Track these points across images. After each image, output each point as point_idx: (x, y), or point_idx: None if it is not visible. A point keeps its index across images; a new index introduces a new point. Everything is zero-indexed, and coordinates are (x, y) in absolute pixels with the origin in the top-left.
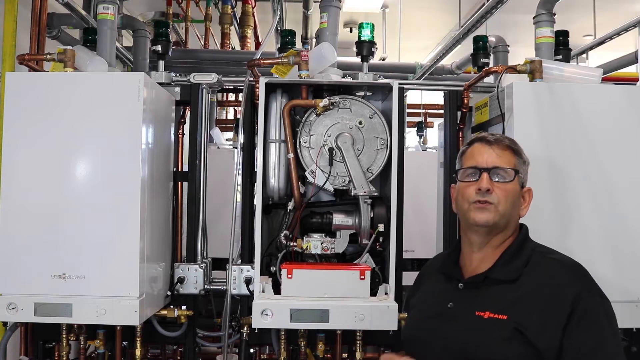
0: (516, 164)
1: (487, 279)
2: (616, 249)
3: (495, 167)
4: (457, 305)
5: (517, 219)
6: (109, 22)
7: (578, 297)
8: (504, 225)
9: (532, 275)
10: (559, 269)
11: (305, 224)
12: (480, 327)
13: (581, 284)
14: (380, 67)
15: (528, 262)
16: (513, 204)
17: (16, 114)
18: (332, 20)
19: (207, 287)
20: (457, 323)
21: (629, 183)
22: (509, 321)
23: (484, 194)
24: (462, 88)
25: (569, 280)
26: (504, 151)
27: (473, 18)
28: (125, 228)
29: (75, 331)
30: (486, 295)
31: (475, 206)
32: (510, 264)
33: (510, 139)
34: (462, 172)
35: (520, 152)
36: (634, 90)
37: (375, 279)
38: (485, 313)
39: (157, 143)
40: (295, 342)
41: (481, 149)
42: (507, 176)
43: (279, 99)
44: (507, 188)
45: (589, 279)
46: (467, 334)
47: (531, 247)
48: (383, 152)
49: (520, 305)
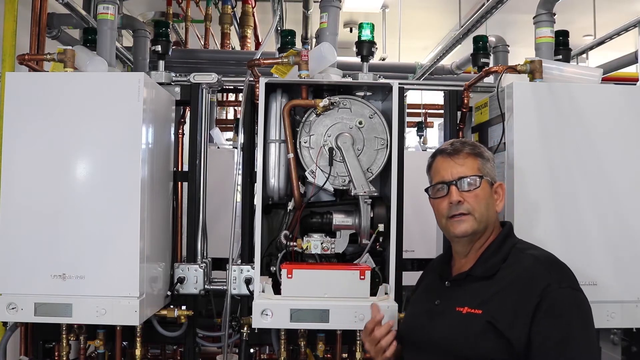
0: (480, 167)
1: (468, 276)
2: (616, 249)
3: (460, 178)
4: (443, 302)
5: (494, 218)
6: (109, 22)
7: (547, 288)
8: (483, 229)
9: (509, 270)
10: (533, 262)
11: (305, 224)
12: (459, 322)
13: (552, 276)
14: (380, 67)
15: (506, 258)
16: (487, 206)
17: (16, 114)
18: (332, 20)
19: (207, 287)
20: (441, 319)
21: (629, 183)
22: (484, 315)
23: (456, 207)
24: (462, 88)
25: (541, 273)
26: (465, 159)
27: (473, 18)
28: (125, 228)
29: (75, 331)
30: (467, 292)
31: (451, 220)
32: (489, 261)
33: (470, 144)
34: (432, 189)
35: (482, 153)
36: (634, 90)
37: (375, 279)
38: (464, 308)
39: (157, 143)
40: (295, 342)
41: (443, 163)
42: (473, 183)
43: (279, 99)
44: (477, 194)
45: (562, 271)
46: (448, 329)
47: (511, 244)
48: (383, 152)
49: (495, 300)
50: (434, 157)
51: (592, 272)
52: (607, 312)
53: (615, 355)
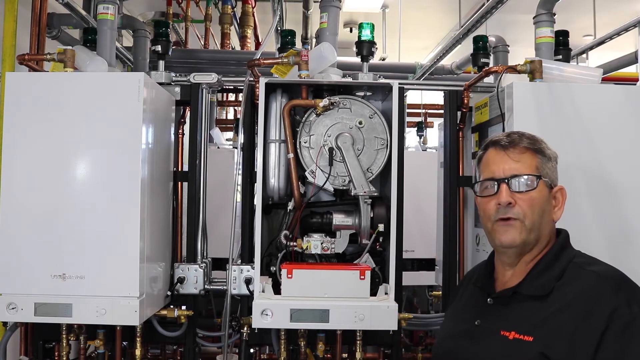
0: (539, 165)
1: (515, 293)
2: (616, 249)
3: (514, 176)
4: (484, 322)
5: (550, 227)
6: (109, 22)
7: (615, 312)
8: (535, 240)
9: (565, 290)
10: (595, 281)
11: (305, 224)
12: (504, 349)
13: (619, 298)
14: (380, 67)
15: (562, 275)
16: (542, 213)
17: (16, 114)
18: (332, 20)
19: (207, 287)
20: (482, 343)
21: (629, 183)
22: (535, 344)
23: (505, 210)
24: (462, 88)
25: (606, 294)
26: (522, 154)
27: (473, 18)
28: (125, 228)
29: (75, 331)
30: (514, 313)
31: (498, 225)
32: (540, 278)
33: (529, 137)
34: (479, 185)
35: (543, 149)
36: (634, 90)
37: (375, 279)
38: (511, 333)
39: (157, 143)
40: (295, 342)
41: (496, 157)
42: (529, 184)
43: (279, 99)
44: (531, 197)
45: (635, 292)
46: (490, 356)
47: (568, 258)
48: (383, 152)
49: (549, 325)
50: (486, 148)
51: None
52: None
53: None
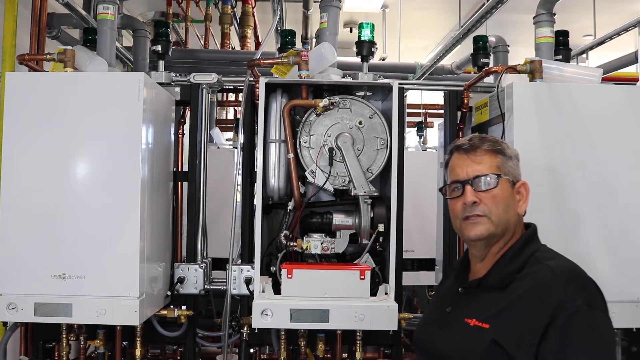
0: (500, 165)
1: (481, 284)
2: (616, 249)
3: (476, 177)
4: (454, 310)
5: (516, 220)
6: (109, 22)
7: (560, 305)
8: (501, 232)
9: (523, 282)
10: (548, 275)
11: (305, 224)
12: (465, 335)
13: (567, 292)
14: (380, 67)
15: (522, 267)
16: (506, 207)
17: (16, 114)
18: (332, 20)
19: (207, 287)
20: (450, 329)
21: (629, 183)
22: (491, 331)
23: (471, 208)
24: (462, 88)
25: (555, 287)
26: (483, 156)
27: (473, 18)
28: (125, 228)
29: (75, 331)
30: (477, 302)
31: (465, 223)
32: (503, 270)
33: (490, 139)
34: (448, 188)
35: (503, 150)
36: (634, 90)
37: (375, 279)
38: (472, 320)
39: (157, 143)
40: (295, 342)
41: (459, 161)
42: (491, 182)
43: (279, 99)
44: (494, 194)
45: (581, 286)
46: (455, 341)
47: (531, 252)
48: (383, 152)
49: (504, 315)
50: (451, 153)
51: (592, 272)
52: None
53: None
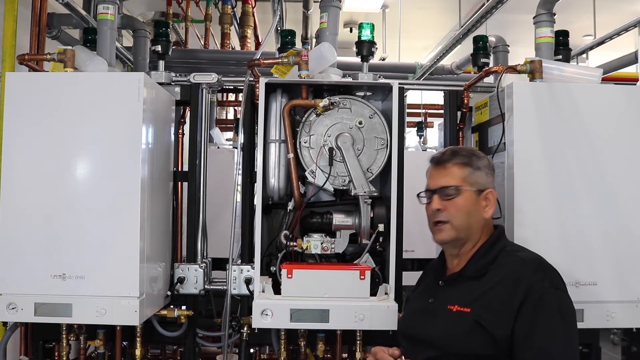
0: (465, 177)
1: (460, 276)
2: (616, 249)
3: (441, 187)
4: (436, 300)
5: (482, 224)
6: (109, 22)
7: (530, 288)
8: (465, 236)
9: (497, 271)
10: (520, 264)
11: (305, 224)
12: (449, 320)
13: (535, 277)
14: (380, 67)
15: (495, 260)
16: (468, 214)
17: (16, 114)
18: (332, 20)
19: (207, 287)
20: (434, 317)
21: (629, 183)
22: (472, 314)
23: (435, 214)
24: (462, 88)
25: (526, 274)
26: (450, 169)
27: (473, 18)
28: (125, 228)
29: (75, 331)
30: (457, 291)
31: (435, 227)
32: (478, 263)
33: (462, 153)
34: (422, 194)
35: (471, 162)
36: (634, 90)
37: (375, 279)
38: (455, 307)
39: (157, 143)
40: (295, 342)
41: (432, 171)
42: (453, 193)
43: (279, 99)
44: (457, 203)
45: (546, 272)
46: (440, 326)
47: (500, 247)
48: (383, 152)
49: (483, 299)
50: (430, 163)
51: (592, 272)
52: (607, 312)
53: (615, 355)
